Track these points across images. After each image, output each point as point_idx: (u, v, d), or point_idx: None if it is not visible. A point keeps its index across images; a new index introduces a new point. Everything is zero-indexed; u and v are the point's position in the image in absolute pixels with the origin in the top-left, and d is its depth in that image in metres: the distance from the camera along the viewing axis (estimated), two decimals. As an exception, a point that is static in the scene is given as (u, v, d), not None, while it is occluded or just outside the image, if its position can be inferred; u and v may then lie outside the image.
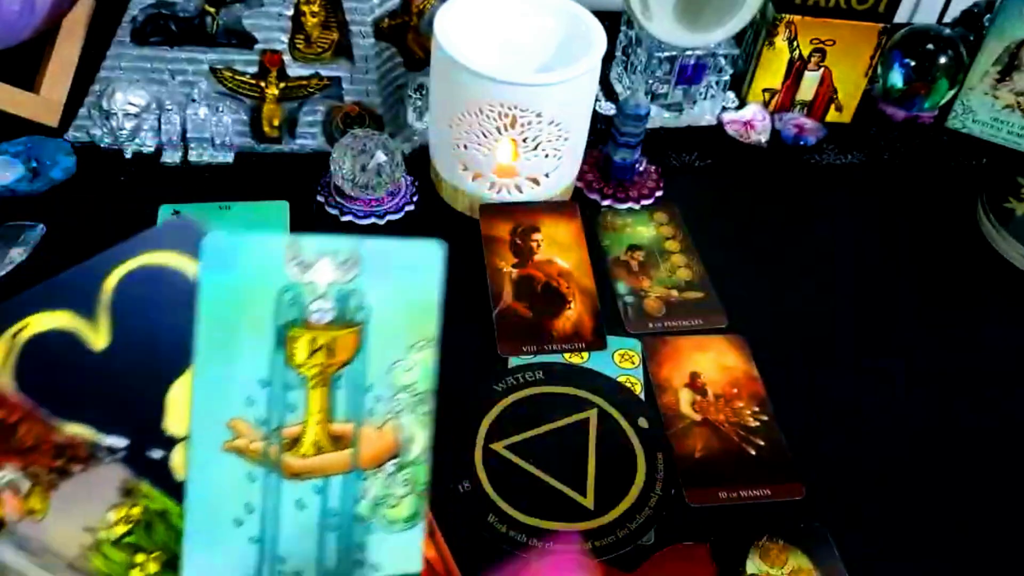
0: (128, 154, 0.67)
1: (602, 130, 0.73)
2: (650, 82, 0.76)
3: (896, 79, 0.78)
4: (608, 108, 0.78)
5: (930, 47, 0.77)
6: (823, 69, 0.77)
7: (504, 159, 0.63)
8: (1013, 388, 0.60)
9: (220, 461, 0.31)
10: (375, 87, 0.68)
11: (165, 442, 0.32)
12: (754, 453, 0.53)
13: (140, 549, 0.31)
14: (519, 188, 0.64)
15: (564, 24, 0.63)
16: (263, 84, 0.67)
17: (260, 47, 0.66)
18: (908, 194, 0.75)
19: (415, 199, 0.67)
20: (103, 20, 0.69)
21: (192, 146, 0.68)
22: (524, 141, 0.61)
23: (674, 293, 0.62)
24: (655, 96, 0.77)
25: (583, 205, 0.67)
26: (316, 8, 0.65)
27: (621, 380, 0.56)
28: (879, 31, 0.74)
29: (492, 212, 0.64)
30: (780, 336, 0.60)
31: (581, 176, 0.70)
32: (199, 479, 0.31)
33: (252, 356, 0.31)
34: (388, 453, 0.33)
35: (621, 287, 0.63)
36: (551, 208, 0.65)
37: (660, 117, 0.77)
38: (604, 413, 0.53)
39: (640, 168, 0.71)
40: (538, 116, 0.59)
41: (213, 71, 0.67)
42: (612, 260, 0.65)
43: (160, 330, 0.32)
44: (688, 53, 0.74)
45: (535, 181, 0.64)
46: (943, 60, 0.77)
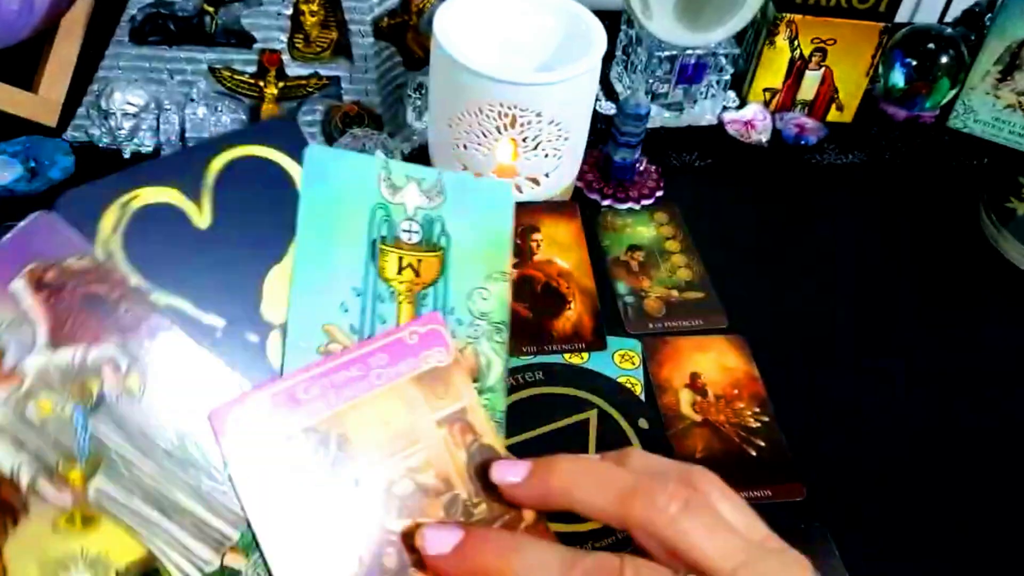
0: (127, 154, 0.67)
1: (602, 130, 0.73)
2: (650, 81, 0.76)
3: (897, 79, 0.78)
4: (608, 108, 0.78)
5: (931, 47, 0.77)
6: (824, 68, 0.77)
7: (504, 159, 0.62)
8: (1013, 388, 0.59)
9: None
10: (374, 86, 0.68)
11: (261, 327, 0.32)
12: (755, 454, 0.53)
13: None
14: (519, 188, 0.64)
15: (564, 23, 0.63)
16: (262, 84, 0.67)
17: (259, 46, 0.66)
18: (909, 194, 0.75)
19: (415, 199, 0.67)
20: (102, 20, 0.69)
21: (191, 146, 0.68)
22: (524, 141, 0.60)
23: (674, 293, 0.62)
24: (655, 96, 0.77)
25: (583, 205, 0.67)
26: (315, 7, 0.65)
27: (621, 381, 0.56)
28: (880, 30, 0.74)
29: (492, 212, 0.64)
30: (781, 336, 0.60)
31: (581, 176, 0.70)
32: None
33: (347, 265, 0.33)
34: (469, 377, 0.34)
35: (621, 287, 0.62)
36: (551, 208, 0.65)
37: (660, 117, 0.77)
38: (604, 414, 0.53)
39: (640, 168, 0.71)
40: (538, 116, 0.59)
41: (212, 71, 0.67)
42: (612, 260, 0.65)
43: (259, 218, 0.33)
44: (688, 52, 0.74)
45: (535, 181, 0.64)
46: (944, 60, 0.77)
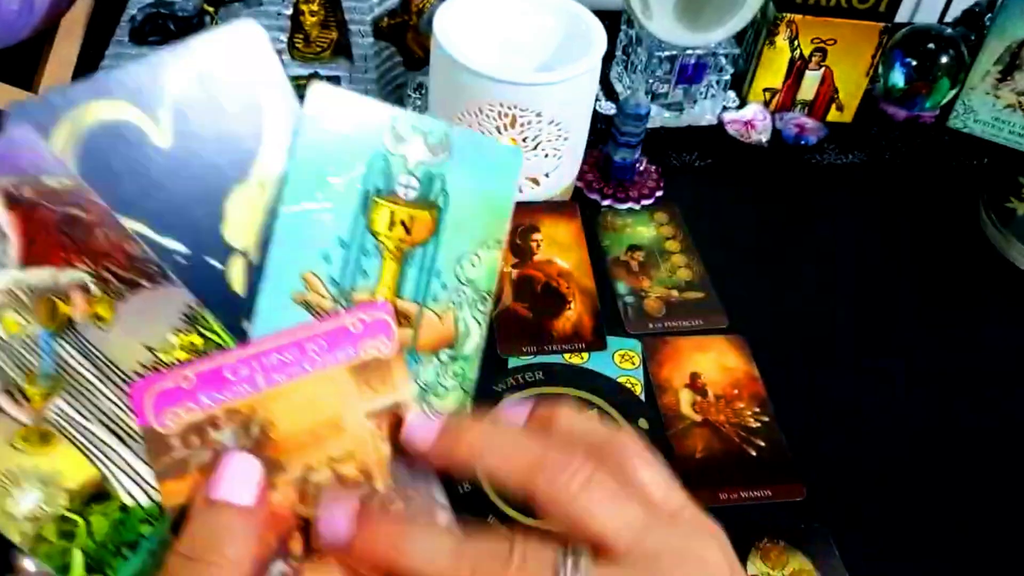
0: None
1: (602, 130, 0.73)
2: (650, 81, 0.76)
3: (897, 79, 0.78)
4: (608, 108, 0.78)
5: (931, 47, 0.77)
6: (824, 68, 0.77)
7: (504, 159, 0.62)
8: (1013, 388, 0.59)
9: (288, 310, 0.31)
10: (374, 86, 0.68)
11: (223, 252, 0.31)
12: (755, 454, 0.53)
13: None
14: (519, 188, 0.64)
15: (564, 23, 0.63)
16: (262, 83, 0.67)
17: (259, 46, 0.66)
18: (909, 194, 0.75)
19: (415, 199, 0.67)
20: (102, 19, 0.69)
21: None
22: (524, 141, 0.60)
23: (674, 293, 0.62)
24: (655, 96, 0.77)
25: (583, 205, 0.67)
26: (315, 7, 0.65)
27: (621, 381, 0.56)
28: (880, 30, 0.74)
29: (492, 212, 0.64)
30: (780, 336, 0.60)
31: (581, 176, 0.70)
32: (264, 325, 0.31)
33: (336, 213, 0.31)
34: (444, 342, 0.32)
35: (621, 287, 0.62)
36: (551, 208, 0.65)
37: (660, 117, 0.77)
38: (604, 414, 0.53)
39: (640, 168, 0.71)
40: (538, 116, 0.59)
41: (212, 70, 0.67)
42: (612, 260, 0.65)
43: (222, 135, 0.31)
44: (688, 52, 0.74)
45: (535, 181, 0.64)
46: (944, 60, 0.77)
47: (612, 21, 0.72)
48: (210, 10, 0.65)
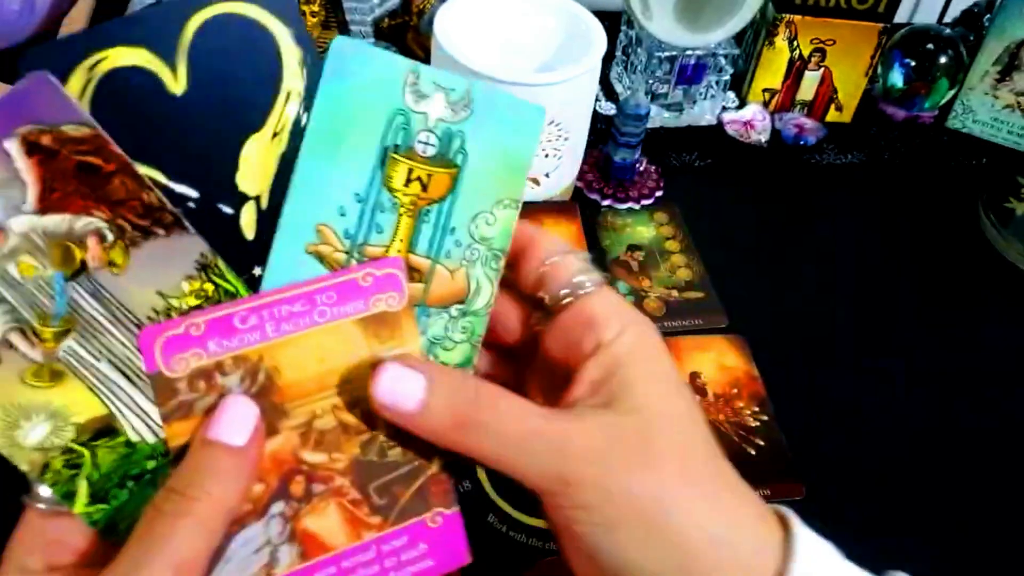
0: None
1: (602, 130, 0.73)
2: (650, 82, 0.76)
3: (896, 79, 0.78)
4: (608, 108, 0.78)
5: (930, 47, 0.77)
6: (823, 69, 0.77)
7: (504, 159, 0.62)
8: (1013, 388, 0.60)
9: (301, 261, 0.31)
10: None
11: (235, 198, 0.31)
12: (754, 453, 0.53)
13: None
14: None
15: (564, 24, 0.63)
16: (263, 84, 0.67)
17: (260, 47, 0.66)
18: (908, 194, 0.75)
19: (415, 199, 0.67)
20: (102, 20, 0.69)
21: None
22: (524, 141, 0.60)
23: (674, 293, 0.62)
24: (655, 96, 0.77)
25: (583, 205, 0.67)
26: (316, 8, 0.65)
27: (621, 380, 0.56)
28: (879, 31, 0.74)
29: (492, 212, 0.64)
30: (780, 336, 0.60)
31: (581, 176, 0.70)
32: (276, 274, 0.31)
33: (354, 167, 0.31)
34: (455, 298, 0.33)
35: (621, 287, 0.63)
36: (551, 208, 0.65)
37: (660, 117, 0.77)
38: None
39: (640, 168, 0.71)
40: (538, 116, 0.59)
41: (213, 71, 0.67)
42: (612, 260, 0.65)
43: (239, 83, 0.31)
44: (688, 53, 0.74)
45: (535, 181, 0.64)
46: (943, 60, 0.77)
47: (612, 21, 0.72)
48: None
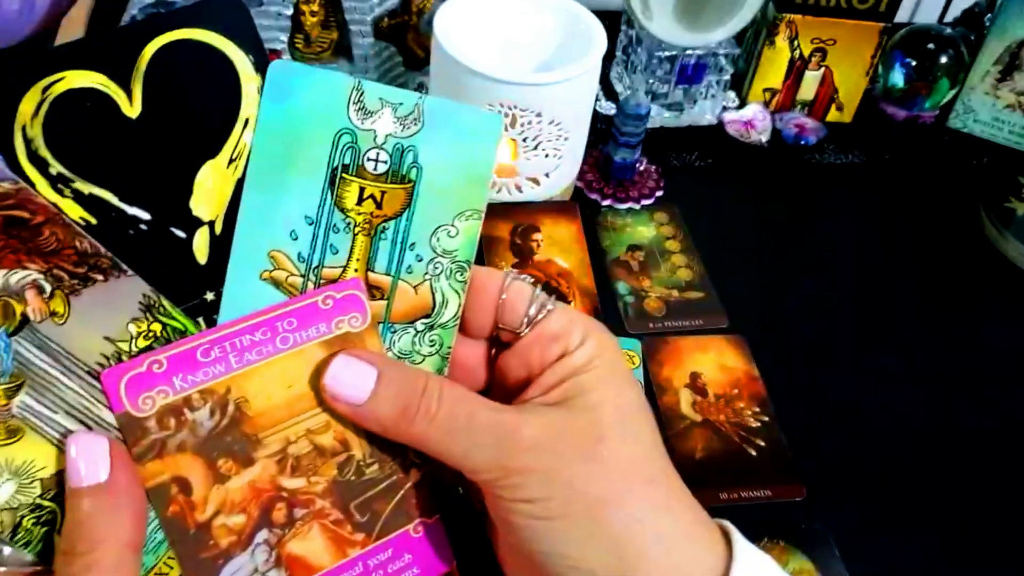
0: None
1: (602, 130, 0.73)
2: (650, 82, 0.76)
3: (897, 79, 0.78)
4: (608, 108, 0.78)
5: (931, 47, 0.77)
6: (824, 69, 0.77)
7: (504, 159, 0.62)
8: (1013, 388, 0.59)
9: (256, 288, 0.31)
10: (375, 86, 0.68)
11: (189, 223, 0.31)
12: (755, 454, 0.53)
13: None
14: (519, 188, 0.64)
15: (564, 23, 0.63)
16: (263, 83, 0.67)
17: (259, 46, 0.66)
18: (909, 194, 0.75)
19: (415, 199, 0.67)
20: (102, 19, 0.69)
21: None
22: (524, 141, 0.60)
23: (674, 293, 0.62)
24: (655, 96, 0.77)
25: (583, 205, 0.67)
26: (315, 7, 0.65)
27: (621, 380, 0.56)
28: (880, 30, 0.74)
29: (492, 212, 0.64)
30: (781, 336, 0.60)
31: (581, 176, 0.70)
32: (233, 304, 0.31)
33: (302, 190, 0.31)
34: (420, 312, 0.32)
35: (621, 287, 0.63)
36: (551, 208, 0.65)
37: (660, 117, 0.77)
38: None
39: (640, 168, 0.71)
40: (538, 116, 0.59)
41: (212, 70, 0.67)
42: (612, 260, 0.65)
43: (195, 108, 0.31)
44: (688, 53, 0.74)
45: (535, 181, 0.64)
46: (944, 60, 0.77)
47: (612, 21, 0.72)
48: (210, 10, 0.65)
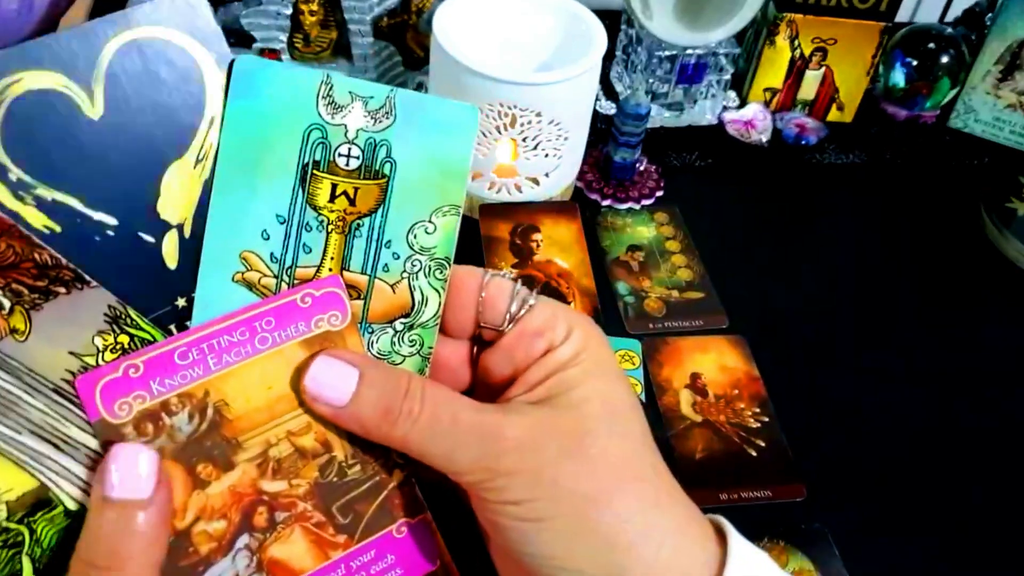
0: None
1: (602, 130, 0.73)
2: (650, 81, 0.76)
3: (898, 78, 0.78)
4: (608, 107, 0.78)
5: (932, 46, 0.77)
6: (824, 68, 0.77)
7: (504, 159, 0.62)
8: (1013, 388, 0.59)
9: (229, 291, 0.30)
10: (374, 86, 0.68)
11: (157, 226, 0.30)
12: (755, 454, 0.53)
13: None
14: (519, 188, 0.64)
15: (564, 23, 0.63)
16: (262, 83, 0.67)
17: (258, 46, 0.66)
18: (909, 194, 0.75)
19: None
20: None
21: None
22: (524, 141, 0.60)
23: (674, 293, 0.62)
24: (655, 95, 0.77)
25: (583, 205, 0.67)
26: (315, 7, 0.65)
27: (621, 380, 0.56)
28: (881, 30, 0.74)
29: (492, 212, 0.64)
30: (781, 336, 0.60)
31: (581, 176, 0.70)
32: (205, 308, 0.30)
33: (272, 189, 0.30)
34: (399, 312, 0.31)
35: (621, 287, 0.62)
36: (551, 208, 0.65)
37: (660, 116, 0.77)
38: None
39: (640, 168, 0.71)
40: (538, 116, 0.59)
41: (212, 70, 0.67)
42: (612, 260, 0.65)
43: (159, 108, 0.30)
44: (689, 52, 0.74)
45: (535, 181, 0.64)
46: (945, 59, 0.77)
47: (612, 21, 0.72)
48: (210, 10, 0.65)
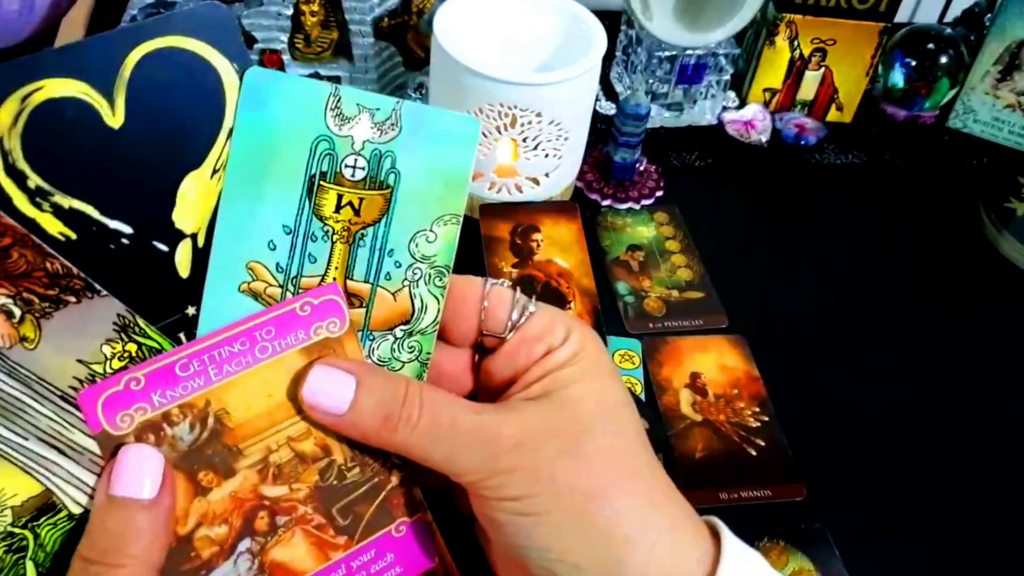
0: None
1: (602, 130, 0.73)
2: (650, 82, 0.76)
3: (897, 79, 0.78)
4: (608, 108, 0.78)
5: (931, 47, 0.77)
6: (824, 69, 0.77)
7: (504, 159, 0.62)
8: (1013, 388, 0.59)
9: (235, 300, 0.31)
10: (375, 86, 0.68)
11: (172, 235, 0.30)
12: (755, 454, 0.53)
13: None
14: (519, 188, 0.64)
15: (564, 23, 0.63)
16: (262, 84, 0.67)
17: (259, 47, 0.66)
18: (909, 194, 0.75)
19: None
20: (102, 19, 0.69)
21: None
22: (524, 141, 0.60)
23: (674, 293, 0.62)
24: (655, 96, 0.77)
25: (583, 205, 0.67)
26: (315, 7, 0.65)
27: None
28: (880, 30, 0.74)
29: (492, 212, 0.64)
30: (780, 336, 0.60)
31: (581, 176, 0.70)
32: (212, 317, 0.30)
33: (279, 200, 0.31)
34: (399, 319, 0.32)
35: (621, 287, 0.63)
36: (551, 208, 0.65)
37: (660, 117, 0.77)
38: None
39: (640, 168, 0.71)
40: (538, 116, 0.59)
41: (212, 70, 0.67)
42: (612, 260, 0.65)
43: (179, 118, 0.30)
44: (688, 53, 0.74)
45: (535, 181, 0.64)
46: (944, 60, 0.77)
47: (612, 21, 0.72)
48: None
